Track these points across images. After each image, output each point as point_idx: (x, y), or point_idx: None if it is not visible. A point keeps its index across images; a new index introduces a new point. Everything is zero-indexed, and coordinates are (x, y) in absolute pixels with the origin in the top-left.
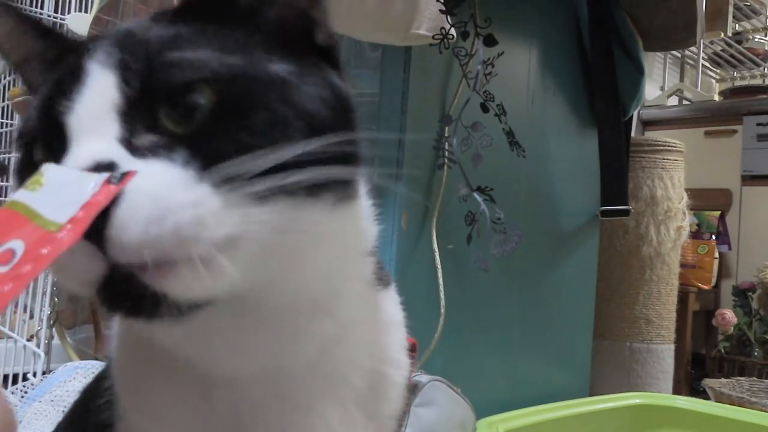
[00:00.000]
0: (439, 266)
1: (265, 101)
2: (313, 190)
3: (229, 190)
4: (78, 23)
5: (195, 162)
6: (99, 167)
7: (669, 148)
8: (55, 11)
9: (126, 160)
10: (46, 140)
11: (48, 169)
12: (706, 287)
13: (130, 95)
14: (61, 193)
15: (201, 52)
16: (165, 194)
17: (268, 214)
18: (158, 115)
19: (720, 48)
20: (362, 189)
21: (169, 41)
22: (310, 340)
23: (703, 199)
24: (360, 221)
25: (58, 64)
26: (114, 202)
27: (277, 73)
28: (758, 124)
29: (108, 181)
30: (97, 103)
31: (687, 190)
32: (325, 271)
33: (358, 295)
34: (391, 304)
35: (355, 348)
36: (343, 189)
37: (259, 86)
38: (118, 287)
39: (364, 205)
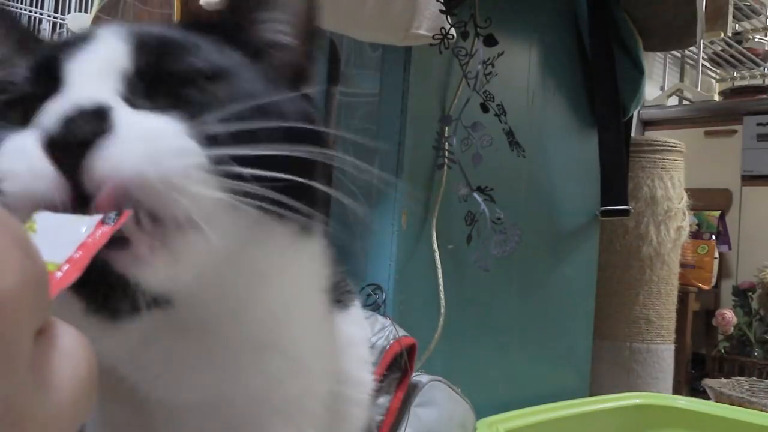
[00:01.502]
0: (439, 266)
1: (252, 99)
2: (282, 213)
3: (216, 156)
4: (78, 23)
5: (186, 124)
6: (90, 109)
7: (669, 148)
8: (55, 11)
9: (120, 107)
10: (33, 89)
11: (40, 215)
12: (706, 287)
13: (137, 67)
14: (55, 236)
15: (205, 49)
16: (159, 138)
17: (250, 196)
18: (158, 91)
19: (720, 48)
20: (318, 228)
21: (180, 35)
22: (256, 375)
23: (703, 199)
24: (316, 260)
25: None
26: (101, 133)
27: (263, 82)
28: (758, 124)
29: (102, 222)
30: (104, 62)
31: (687, 190)
32: (278, 309)
33: (312, 331)
34: (350, 326)
35: (307, 379)
36: (306, 220)
37: (245, 83)
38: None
39: (319, 244)
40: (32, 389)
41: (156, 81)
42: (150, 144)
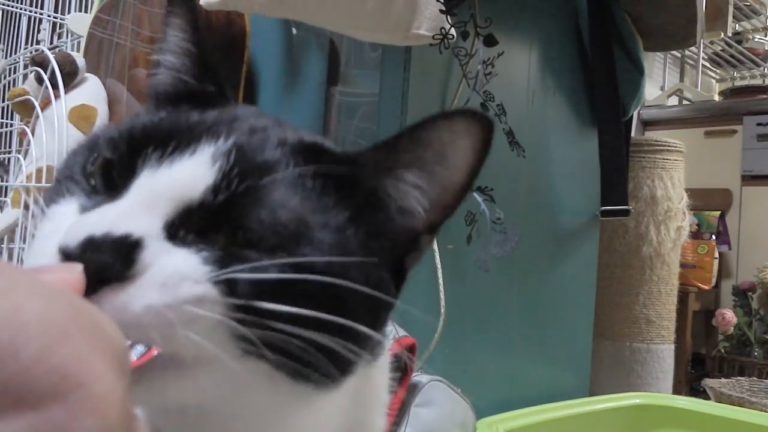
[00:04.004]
0: (439, 266)
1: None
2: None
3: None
4: (78, 23)
5: (217, 266)
6: (116, 243)
7: (669, 148)
8: (55, 11)
9: (154, 244)
10: (108, 164)
11: None
12: (706, 287)
13: (207, 200)
14: None
15: (293, 211)
16: (178, 285)
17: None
18: (215, 230)
19: (720, 48)
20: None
21: (279, 182)
22: None
23: (703, 199)
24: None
25: (193, 98)
26: (117, 275)
27: (351, 242)
28: (758, 124)
29: None
30: (173, 185)
31: (687, 190)
32: None
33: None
34: (377, 376)
35: None
36: (333, 375)
37: (322, 236)
38: None
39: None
40: None
41: (219, 218)
42: (165, 293)
